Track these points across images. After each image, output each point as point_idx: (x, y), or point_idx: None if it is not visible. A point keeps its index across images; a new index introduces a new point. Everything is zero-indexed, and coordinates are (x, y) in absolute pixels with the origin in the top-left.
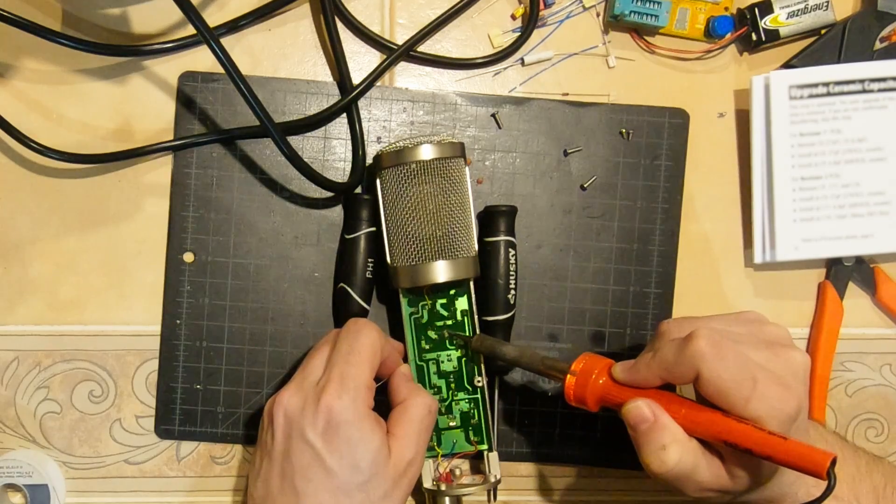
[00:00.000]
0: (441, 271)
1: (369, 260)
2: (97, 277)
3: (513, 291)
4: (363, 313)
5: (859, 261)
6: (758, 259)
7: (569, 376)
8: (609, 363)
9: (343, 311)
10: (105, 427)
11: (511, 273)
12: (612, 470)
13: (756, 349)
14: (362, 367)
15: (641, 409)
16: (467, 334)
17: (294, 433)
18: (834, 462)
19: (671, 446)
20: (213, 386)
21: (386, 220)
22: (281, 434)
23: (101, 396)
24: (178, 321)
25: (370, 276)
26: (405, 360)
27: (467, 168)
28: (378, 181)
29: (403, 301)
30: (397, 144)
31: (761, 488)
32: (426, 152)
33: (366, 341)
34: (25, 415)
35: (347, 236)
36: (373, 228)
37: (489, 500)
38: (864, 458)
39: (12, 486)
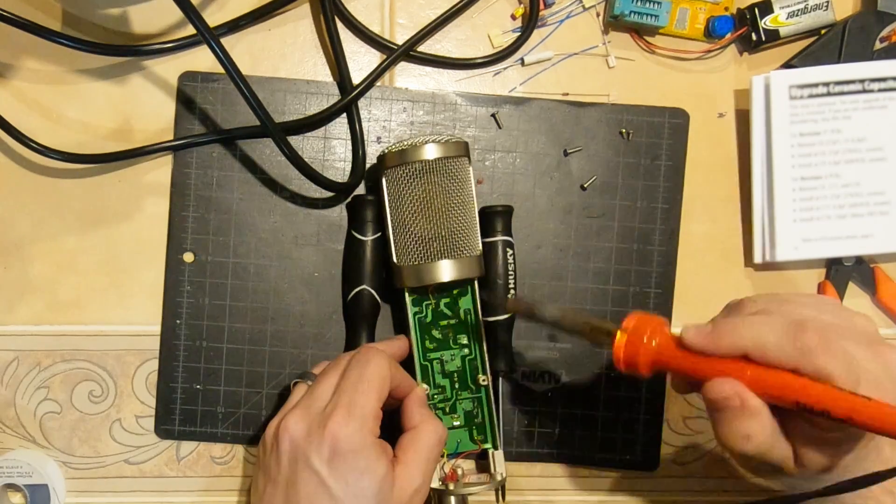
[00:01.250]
0: (445, 270)
1: (382, 260)
2: (97, 277)
3: (512, 291)
4: (377, 314)
5: (859, 261)
6: (758, 259)
7: (619, 334)
8: (662, 322)
9: (363, 313)
10: (105, 427)
11: (510, 273)
12: (612, 470)
13: (858, 346)
14: (370, 395)
15: (727, 393)
16: (508, 295)
17: (300, 459)
18: None
19: (756, 434)
20: (213, 386)
21: (391, 220)
22: (286, 459)
23: (101, 396)
24: (178, 321)
25: (384, 276)
26: (410, 358)
27: (471, 167)
28: (383, 180)
29: (408, 300)
30: (402, 144)
31: (818, 479)
32: (430, 152)
33: (375, 370)
34: (25, 415)
35: (362, 237)
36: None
37: (497, 500)
38: None
39: (12, 486)
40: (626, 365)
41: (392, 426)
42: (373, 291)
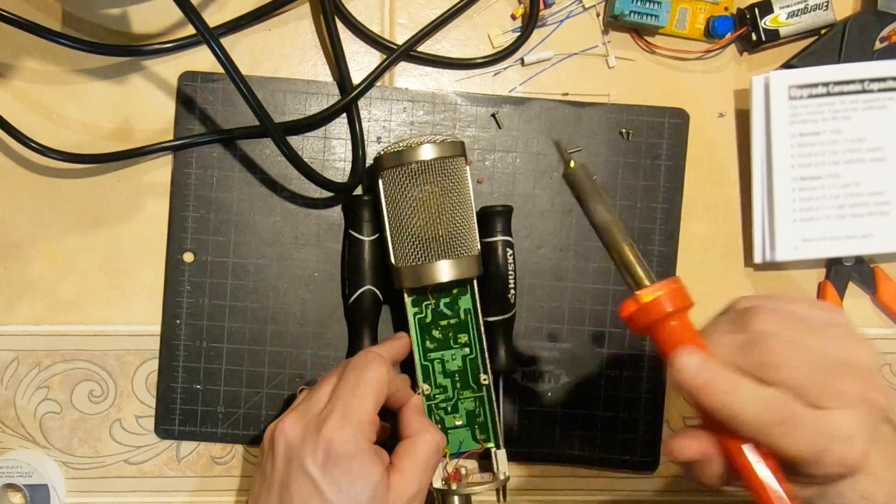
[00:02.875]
0: (444, 271)
1: (382, 259)
2: (97, 277)
3: (512, 291)
4: (379, 314)
5: (859, 261)
6: (758, 259)
7: (633, 300)
8: (686, 307)
9: (366, 314)
10: (105, 427)
11: (510, 273)
12: (612, 470)
13: (844, 388)
14: (366, 401)
15: (691, 458)
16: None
17: (294, 462)
18: None
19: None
20: (213, 386)
21: (389, 221)
22: (281, 462)
23: (101, 396)
24: (178, 321)
25: (384, 276)
26: (410, 358)
27: (468, 167)
28: (380, 182)
29: (408, 301)
30: (398, 145)
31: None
32: (427, 152)
33: (373, 375)
34: (25, 415)
35: (362, 237)
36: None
37: (499, 500)
38: None
39: (12, 486)
40: (631, 322)
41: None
42: (376, 291)
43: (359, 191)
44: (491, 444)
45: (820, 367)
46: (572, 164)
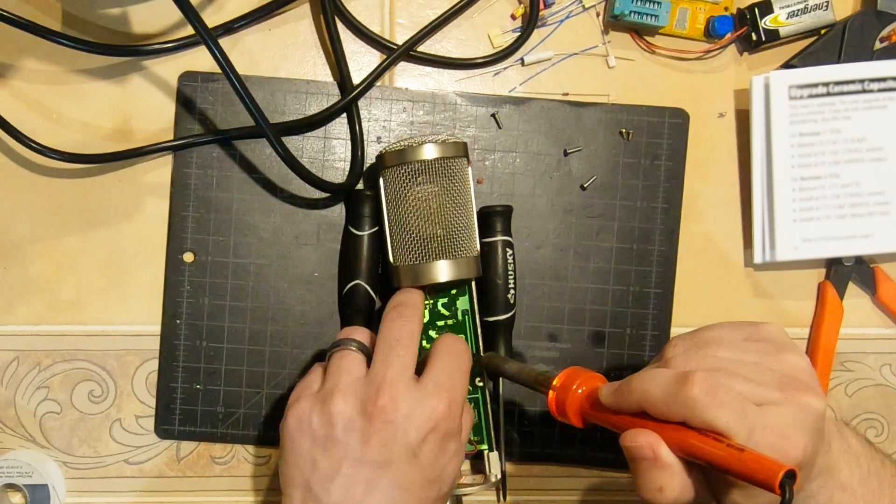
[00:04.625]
0: (443, 271)
1: (379, 256)
2: (97, 277)
3: (512, 291)
4: (372, 310)
5: (859, 261)
6: (758, 259)
7: (550, 392)
8: (594, 378)
9: (356, 309)
10: (105, 427)
11: (510, 273)
12: (612, 470)
13: (766, 389)
14: (467, 385)
15: (639, 443)
16: (473, 350)
17: (398, 440)
18: (789, 474)
19: (668, 487)
20: (213, 386)
21: (388, 220)
22: (379, 439)
23: (101, 396)
24: (177, 321)
25: (380, 273)
26: None
27: (470, 168)
28: (381, 180)
29: None
30: (400, 144)
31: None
32: (429, 152)
33: (470, 361)
34: (25, 415)
35: (358, 232)
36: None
37: (498, 499)
38: (892, 469)
39: (12, 486)
40: (558, 414)
41: None
42: (367, 286)
43: (361, 186)
44: (484, 446)
45: (723, 370)
46: (482, 356)
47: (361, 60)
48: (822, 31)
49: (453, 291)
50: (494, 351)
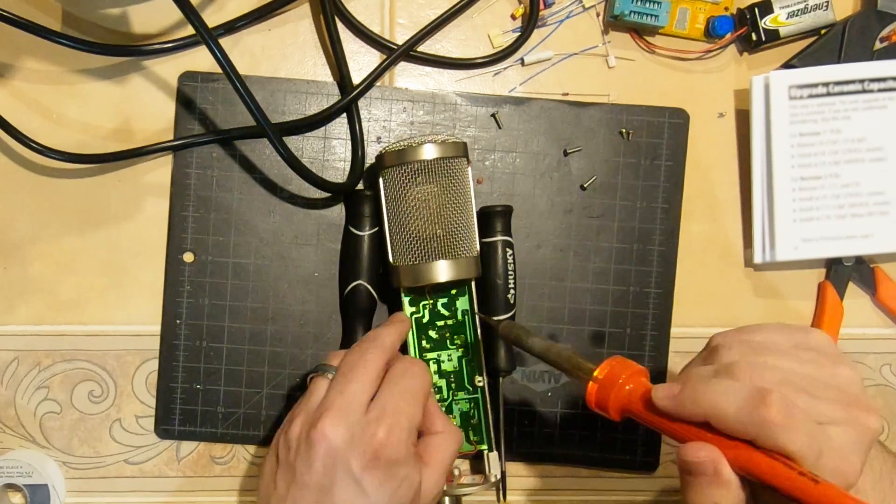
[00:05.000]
0: (442, 271)
1: (380, 256)
2: (97, 277)
3: (512, 291)
4: (373, 310)
5: (859, 261)
6: (758, 259)
7: (590, 383)
8: (639, 373)
9: (359, 309)
10: (105, 427)
11: (510, 273)
12: (612, 470)
13: (828, 406)
14: (419, 409)
15: (702, 459)
16: (492, 317)
17: (338, 466)
18: None
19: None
20: (213, 386)
21: (388, 220)
22: (321, 464)
23: (101, 396)
24: (178, 321)
25: (381, 272)
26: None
27: (469, 168)
28: (381, 180)
29: (405, 300)
30: (400, 144)
31: None
32: (429, 152)
33: (423, 385)
34: (25, 415)
35: (359, 233)
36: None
37: (498, 499)
38: None
39: (12, 486)
40: (596, 406)
41: None
42: (369, 287)
43: (361, 186)
44: (484, 446)
45: (790, 384)
46: (502, 324)
47: (361, 60)
48: (822, 31)
49: (453, 291)
50: (494, 351)
